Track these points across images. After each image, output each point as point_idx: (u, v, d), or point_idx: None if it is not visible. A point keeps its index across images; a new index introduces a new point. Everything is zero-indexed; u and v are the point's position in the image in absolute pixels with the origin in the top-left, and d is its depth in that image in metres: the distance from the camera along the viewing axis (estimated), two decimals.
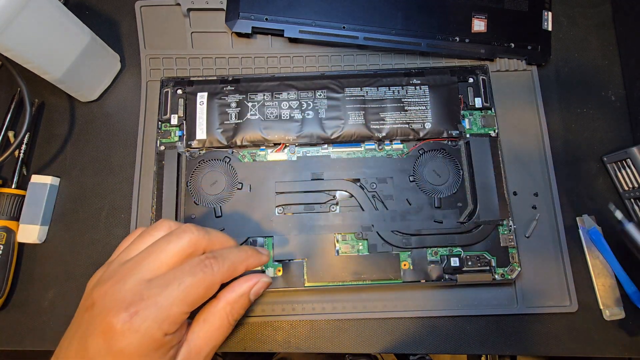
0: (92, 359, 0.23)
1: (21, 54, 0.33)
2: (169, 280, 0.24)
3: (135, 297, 0.23)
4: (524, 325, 0.38)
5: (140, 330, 0.22)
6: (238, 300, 0.27)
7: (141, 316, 0.23)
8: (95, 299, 0.24)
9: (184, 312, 0.24)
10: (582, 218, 0.40)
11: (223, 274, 0.26)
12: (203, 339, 0.26)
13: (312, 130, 0.39)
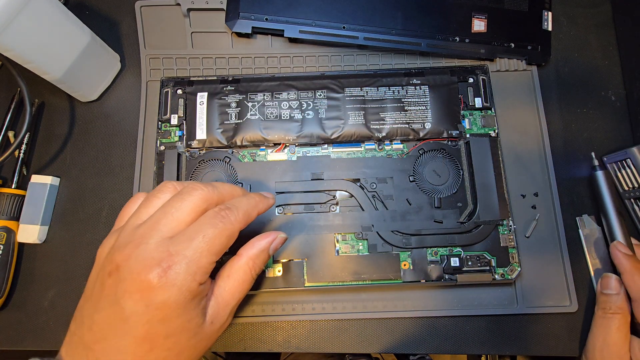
0: (129, 319, 0.23)
1: (21, 54, 0.33)
2: (192, 235, 0.25)
3: (163, 254, 0.24)
4: (524, 325, 0.38)
5: (177, 283, 0.23)
6: (259, 255, 0.29)
7: (175, 270, 0.23)
8: (119, 262, 0.24)
9: (212, 262, 0.25)
10: (582, 218, 0.40)
11: (240, 222, 0.27)
12: (229, 292, 0.27)
13: (312, 130, 0.39)
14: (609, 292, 0.35)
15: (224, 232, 0.26)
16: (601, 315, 0.35)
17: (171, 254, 0.24)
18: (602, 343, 0.34)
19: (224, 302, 0.27)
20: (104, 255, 0.26)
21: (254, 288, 0.36)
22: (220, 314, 0.27)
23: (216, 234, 0.25)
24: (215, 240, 0.25)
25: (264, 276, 0.37)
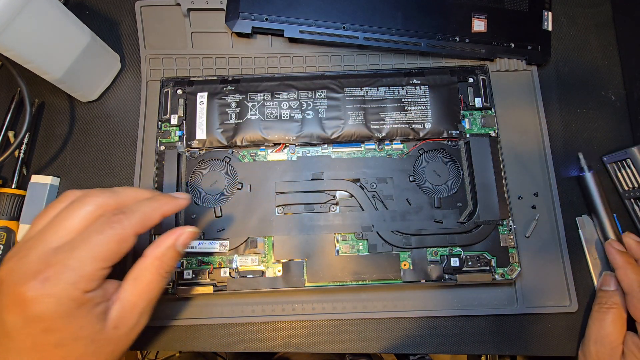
0: (10, 333, 0.23)
1: (21, 54, 0.33)
2: (76, 244, 0.24)
3: (42, 265, 0.23)
4: (524, 325, 0.38)
5: (55, 294, 0.23)
6: (165, 253, 0.28)
7: (52, 281, 0.23)
8: (2, 277, 0.24)
9: (99, 268, 0.24)
10: (582, 218, 0.40)
11: (134, 227, 0.26)
12: (136, 295, 0.26)
13: (312, 130, 0.39)
14: (607, 289, 0.36)
15: (112, 237, 0.25)
16: (597, 309, 0.36)
17: (50, 265, 0.23)
18: (597, 335, 0.35)
19: (130, 305, 0.26)
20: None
21: (254, 288, 0.36)
22: (127, 318, 0.26)
23: (102, 241, 0.24)
24: (101, 247, 0.24)
25: (264, 276, 0.37)
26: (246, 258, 0.37)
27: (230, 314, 0.38)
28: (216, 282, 0.36)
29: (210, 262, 0.37)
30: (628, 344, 0.33)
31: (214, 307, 0.38)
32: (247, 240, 0.37)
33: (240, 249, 0.37)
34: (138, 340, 0.38)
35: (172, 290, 0.36)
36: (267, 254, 0.37)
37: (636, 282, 0.34)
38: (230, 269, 0.37)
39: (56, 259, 0.24)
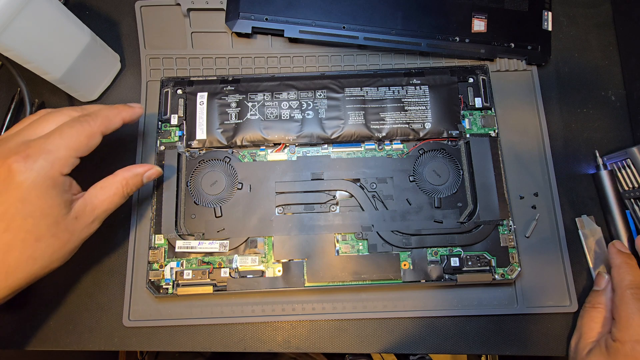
0: None
1: (21, 54, 0.33)
2: (51, 134, 0.28)
3: (23, 147, 0.27)
4: (524, 325, 0.38)
5: (35, 169, 0.26)
6: (133, 178, 0.32)
7: (32, 158, 0.26)
8: None
9: (72, 156, 0.28)
10: (582, 218, 0.40)
11: (99, 125, 0.30)
12: (99, 199, 0.30)
13: (312, 130, 0.39)
14: (596, 289, 0.37)
15: (82, 131, 0.29)
16: (583, 307, 0.37)
17: (30, 147, 0.27)
18: (577, 332, 0.36)
19: (92, 205, 0.30)
20: None
21: (254, 288, 0.36)
22: (86, 214, 0.29)
23: (74, 132, 0.28)
24: (73, 137, 0.28)
25: (264, 276, 0.37)
26: (246, 258, 0.37)
27: (230, 314, 0.38)
28: (216, 282, 0.36)
29: (210, 262, 0.37)
30: (600, 341, 0.34)
31: (214, 307, 0.38)
32: (247, 240, 0.37)
33: (240, 249, 0.37)
34: (138, 340, 0.38)
35: (172, 290, 0.36)
36: (267, 254, 0.37)
37: (626, 281, 0.34)
38: (230, 269, 0.37)
39: (35, 143, 0.27)
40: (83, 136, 0.29)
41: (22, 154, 0.26)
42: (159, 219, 0.37)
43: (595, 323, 0.35)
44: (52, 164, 0.27)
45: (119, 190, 0.31)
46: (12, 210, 0.26)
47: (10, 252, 0.26)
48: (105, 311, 0.38)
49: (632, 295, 0.33)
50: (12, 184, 0.26)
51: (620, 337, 0.32)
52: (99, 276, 0.39)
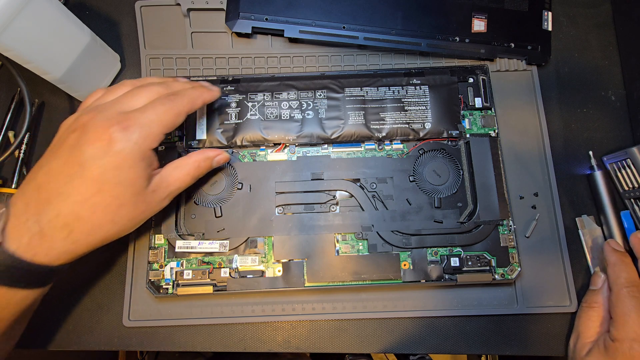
0: (85, 163, 0.27)
1: (21, 54, 0.33)
2: (145, 109, 0.30)
3: (122, 118, 0.28)
4: (524, 325, 0.38)
5: (132, 140, 0.28)
6: (204, 160, 0.34)
7: (131, 130, 0.28)
8: (84, 122, 0.28)
9: (161, 132, 0.30)
10: (582, 218, 0.40)
11: (185, 105, 0.32)
12: (173, 177, 0.32)
13: (312, 130, 0.39)
14: (592, 288, 0.37)
15: (171, 109, 0.30)
16: (581, 307, 0.36)
17: (129, 119, 0.29)
18: (576, 331, 0.36)
19: (166, 182, 0.31)
20: (67, 125, 0.30)
21: (254, 288, 0.36)
22: (161, 189, 0.31)
23: (165, 110, 0.30)
24: (164, 115, 0.30)
25: (264, 276, 0.37)
26: (246, 258, 0.37)
27: (230, 314, 0.38)
28: (216, 282, 0.36)
29: (210, 262, 0.37)
30: (599, 339, 0.34)
31: (214, 307, 0.38)
32: (247, 240, 0.37)
33: (240, 249, 0.37)
34: (138, 340, 0.38)
35: (172, 290, 0.36)
36: (267, 254, 0.37)
37: (622, 279, 0.34)
38: (230, 269, 0.37)
39: (133, 116, 0.29)
40: (172, 115, 0.31)
41: (122, 124, 0.28)
42: (159, 219, 0.37)
43: (592, 322, 0.35)
44: (145, 138, 0.29)
45: (191, 172, 0.33)
46: (107, 175, 0.27)
47: (96, 213, 0.28)
48: (105, 311, 0.38)
49: (628, 293, 0.33)
50: (111, 151, 0.27)
51: (618, 336, 0.32)
52: (99, 276, 0.39)
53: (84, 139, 0.28)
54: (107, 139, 0.27)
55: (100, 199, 0.28)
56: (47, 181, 0.28)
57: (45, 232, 0.27)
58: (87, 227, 0.28)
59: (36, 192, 0.28)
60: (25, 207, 0.27)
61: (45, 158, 0.29)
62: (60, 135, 0.30)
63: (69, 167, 0.28)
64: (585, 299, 0.36)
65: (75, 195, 0.27)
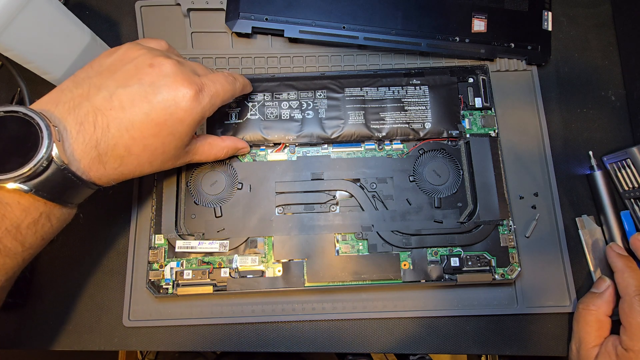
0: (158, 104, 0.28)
1: (21, 54, 0.33)
2: (214, 78, 0.32)
3: (198, 80, 0.30)
4: (524, 325, 0.38)
5: (201, 103, 0.30)
6: (232, 150, 0.37)
7: (203, 94, 0.30)
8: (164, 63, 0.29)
9: (216, 105, 0.32)
10: (582, 218, 0.40)
11: (238, 88, 0.35)
12: (203, 150, 0.34)
13: (312, 130, 0.39)
14: (594, 291, 0.36)
15: (231, 89, 0.33)
16: (580, 308, 0.36)
17: (204, 84, 0.30)
18: (577, 335, 0.36)
19: (196, 152, 0.34)
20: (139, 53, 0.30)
21: (254, 288, 0.36)
22: (190, 154, 0.33)
23: (226, 87, 0.33)
24: (225, 90, 0.32)
25: (264, 276, 0.37)
26: (246, 258, 0.37)
27: (230, 314, 0.38)
28: (216, 282, 0.36)
29: (210, 262, 0.37)
30: (607, 345, 0.33)
31: (214, 307, 0.38)
32: (247, 240, 0.37)
33: (240, 249, 0.37)
34: (138, 340, 0.38)
35: (172, 290, 0.36)
36: (267, 254, 0.37)
37: (632, 286, 0.33)
38: (230, 269, 0.37)
39: (206, 82, 0.31)
40: (230, 94, 0.33)
41: (198, 86, 0.30)
42: (159, 219, 0.37)
43: (590, 327, 0.34)
44: (210, 106, 0.31)
45: (218, 154, 0.36)
46: (168, 123, 0.29)
47: (144, 153, 0.29)
48: (105, 311, 0.38)
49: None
50: (182, 105, 0.29)
51: (632, 346, 0.31)
52: (99, 276, 0.39)
53: (163, 82, 0.28)
54: (183, 93, 0.29)
55: (152, 142, 0.29)
56: (109, 107, 0.27)
57: (101, 159, 0.28)
58: (134, 162, 0.29)
59: (93, 115, 0.27)
60: (80, 127, 0.27)
61: (106, 79, 0.29)
62: (129, 58, 0.30)
63: (137, 102, 0.28)
64: (583, 300, 0.36)
65: (135, 132, 0.28)
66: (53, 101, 0.27)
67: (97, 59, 0.30)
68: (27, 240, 0.27)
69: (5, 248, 0.26)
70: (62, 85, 0.29)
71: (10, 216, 0.26)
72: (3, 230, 0.26)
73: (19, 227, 0.26)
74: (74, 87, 0.28)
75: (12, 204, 0.26)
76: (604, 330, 0.34)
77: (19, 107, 0.25)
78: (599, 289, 0.36)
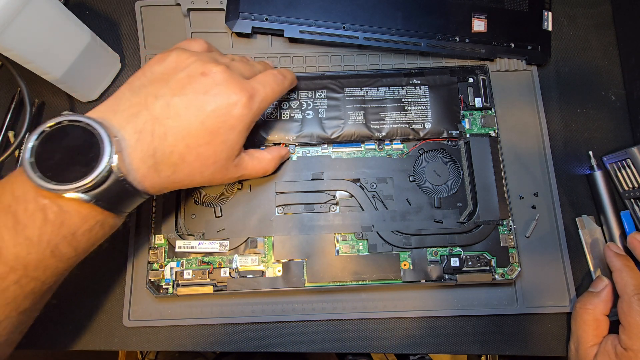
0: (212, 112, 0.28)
1: (21, 54, 0.33)
2: (264, 84, 0.32)
3: (249, 86, 0.30)
4: (524, 325, 0.38)
5: (252, 110, 0.30)
6: (277, 160, 0.37)
7: (254, 100, 0.30)
8: (216, 72, 0.29)
9: (265, 108, 0.32)
10: (582, 218, 0.40)
11: (285, 88, 0.35)
12: (249, 165, 0.34)
13: (312, 130, 0.39)
14: (592, 291, 0.36)
15: (279, 88, 0.33)
16: (577, 307, 0.36)
17: (255, 89, 0.31)
18: (575, 334, 0.36)
19: (245, 166, 0.33)
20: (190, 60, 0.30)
21: (254, 288, 0.36)
22: (239, 169, 0.33)
23: (275, 89, 0.33)
24: (275, 92, 0.33)
25: (264, 276, 0.37)
26: (246, 258, 0.37)
27: (230, 314, 0.38)
28: (216, 282, 0.36)
29: (210, 262, 0.37)
30: (606, 344, 0.33)
31: (214, 307, 0.38)
32: (247, 240, 0.37)
33: (240, 249, 0.37)
34: (138, 340, 0.38)
35: (172, 290, 0.36)
36: (267, 254, 0.37)
37: (630, 286, 0.33)
38: (230, 269, 0.37)
39: (256, 87, 0.31)
40: (278, 95, 0.33)
41: (250, 92, 0.30)
42: (159, 219, 0.37)
43: (588, 326, 0.35)
44: (259, 111, 0.31)
45: (267, 168, 0.36)
46: (221, 131, 0.29)
47: (197, 161, 0.29)
48: (105, 311, 0.38)
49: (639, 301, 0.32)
50: (235, 112, 0.29)
51: (632, 346, 0.32)
52: (99, 276, 0.39)
53: (216, 90, 0.29)
54: (235, 100, 0.29)
55: (205, 150, 0.29)
56: (167, 116, 0.28)
57: (157, 167, 0.28)
58: (186, 170, 0.29)
59: (151, 123, 0.27)
60: (139, 135, 0.27)
61: (159, 84, 0.29)
62: (181, 67, 0.30)
63: (192, 110, 0.28)
64: (580, 299, 0.36)
65: (190, 139, 0.28)
66: (111, 109, 0.28)
67: (147, 66, 0.30)
68: (80, 246, 0.28)
69: (60, 253, 0.27)
70: (118, 93, 0.29)
71: (68, 223, 0.26)
72: (61, 237, 0.26)
73: (75, 234, 0.27)
74: (130, 95, 0.28)
75: (71, 212, 0.26)
76: (601, 330, 0.34)
77: (81, 117, 0.26)
78: (597, 288, 0.36)
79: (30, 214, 0.25)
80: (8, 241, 0.25)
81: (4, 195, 0.26)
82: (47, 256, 0.26)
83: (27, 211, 0.25)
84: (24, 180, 0.25)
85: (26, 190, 0.25)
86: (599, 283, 0.36)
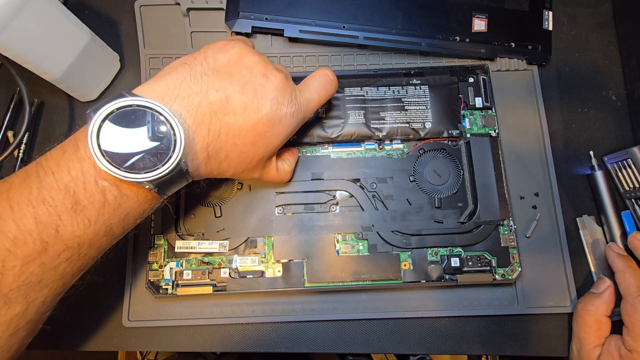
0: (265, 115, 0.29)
1: (21, 53, 0.33)
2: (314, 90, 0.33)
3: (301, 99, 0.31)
4: (524, 325, 0.38)
5: (298, 119, 0.31)
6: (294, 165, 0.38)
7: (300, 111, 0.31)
8: (277, 77, 0.30)
9: (310, 115, 0.33)
10: (583, 218, 0.40)
11: (330, 95, 0.34)
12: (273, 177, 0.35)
13: (312, 130, 0.39)
14: (593, 291, 0.36)
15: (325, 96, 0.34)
16: (578, 308, 0.36)
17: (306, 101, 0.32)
18: (576, 336, 0.36)
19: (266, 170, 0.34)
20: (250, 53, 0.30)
21: (254, 288, 0.36)
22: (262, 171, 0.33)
23: (322, 99, 0.34)
24: (321, 101, 0.34)
25: (264, 276, 0.37)
26: (246, 258, 0.37)
27: (230, 314, 0.38)
28: (216, 282, 0.36)
29: (210, 262, 0.37)
30: (610, 346, 0.33)
31: (214, 307, 0.38)
32: (247, 240, 0.37)
33: (240, 249, 0.37)
34: (138, 340, 0.38)
35: (172, 291, 0.36)
36: (267, 254, 0.37)
37: (633, 287, 0.33)
38: (230, 269, 0.37)
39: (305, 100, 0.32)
40: (324, 101, 0.34)
41: (300, 104, 0.31)
42: (159, 218, 0.37)
43: (589, 327, 0.34)
44: (304, 119, 0.32)
45: (284, 179, 0.37)
46: (267, 134, 0.30)
47: (239, 158, 0.30)
48: (105, 311, 0.38)
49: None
50: (283, 120, 0.30)
51: (636, 347, 0.31)
52: (99, 276, 0.39)
53: (273, 95, 0.29)
54: (286, 110, 0.30)
55: (248, 150, 0.30)
56: (224, 112, 0.28)
57: (208, 161, 0.28)
58: (225, 165, 0.30)
59: (209, 117, 0.27)
60: (197, 128, 0.27)
61: (222, 77, 0.28)
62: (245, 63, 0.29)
63: (248, 111, 0.28)
64: (582, 301, 0.36)
65: (238, 138, 0.29)
66: (171, 93, 0.27)
67: (211, 51, 0.29)
68: (129, 225, 0.29)
69: (112, 232, 0.27)
70: (177, 73, 0.28)
71: (125, 206, 0.27)
72: (116, 218, 0.27)
73: (128, 214, 0.27)
74: (191, 81, 0.27)
75: (130, 195, 0.26)
76: (603, 331, 0.34)
77: (153, 103, 0.25)
78: (598, 289, 0.36)
79: (90, 195, 0.25)
80: (66, 221, 0.25)
81: (60, 173, 0.25)
82: (101, 235, 0.27)
83: (87, 192, 0.25)
84: (81, 159, 0.25)
85: (85, 171, 0.25)
86: (600, 284, 0.36)
